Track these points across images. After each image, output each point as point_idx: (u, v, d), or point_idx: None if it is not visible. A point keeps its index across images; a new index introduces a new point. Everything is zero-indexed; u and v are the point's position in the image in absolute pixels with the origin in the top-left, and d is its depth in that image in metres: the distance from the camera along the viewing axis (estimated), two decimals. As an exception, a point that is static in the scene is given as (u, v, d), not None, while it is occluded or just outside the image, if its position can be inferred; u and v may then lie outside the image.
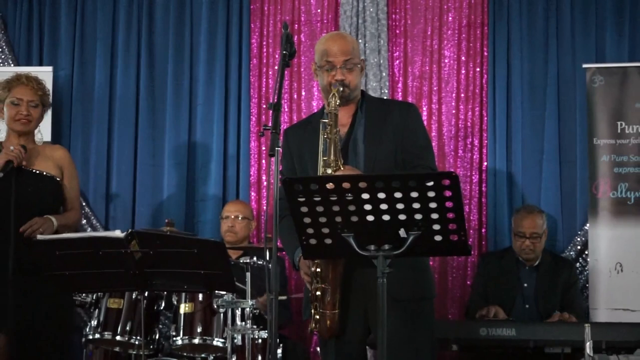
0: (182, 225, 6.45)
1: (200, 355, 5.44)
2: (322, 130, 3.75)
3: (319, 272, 3.67)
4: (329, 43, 3.92)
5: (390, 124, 3.90)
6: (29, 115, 4.32)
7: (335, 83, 3.78)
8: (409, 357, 3.75)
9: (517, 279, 5.88)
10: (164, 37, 6.75)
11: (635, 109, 6.05)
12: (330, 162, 3.70)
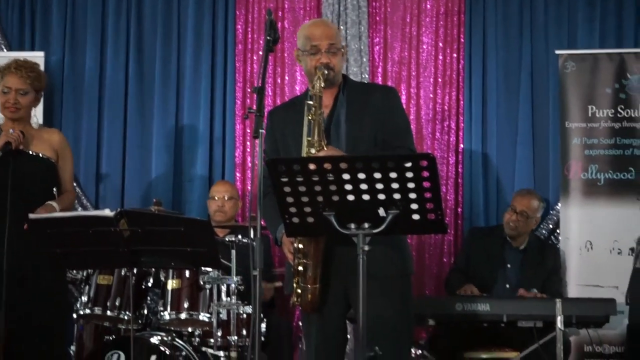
0: (170, 204, 6.44)
1: (187, 330, 5.44)
2: (307, 112, 3.75)
3: (301, 249, 3.69)
4: (313, 28, 3.93)
5: (371, 106, 3.91)
6: (16, 103, 4.30)
7: (320, 66, 3.79)
8: (387, 331, 3.75)
9: (501, 259, 5.90)
10: (152, 23, 6.73)
11: (605, 94, 6.07)
12: (314, 142, 3.71)
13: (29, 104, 4.37)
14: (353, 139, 3.85)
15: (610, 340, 5.91)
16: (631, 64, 6.07)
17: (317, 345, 3.88)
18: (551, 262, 5.92)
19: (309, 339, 3.98)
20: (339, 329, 3.81)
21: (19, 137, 4.20)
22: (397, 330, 3.82)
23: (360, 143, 3.82)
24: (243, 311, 5.17)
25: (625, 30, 6.45)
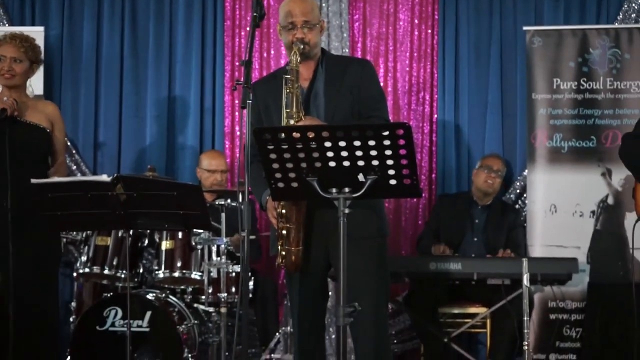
0: (163, 170, 6.44)
1: (179, 287, 5.46)
2: (285, 85, 3.75)
3: (284, 213, 3.69)
4: (290, 5, 3.89)
5: (347, 78, 3.90)
6: (10, 70, 4.27)
7: (296, 41, 3.78)
8: (365, 288, 3.77)
9: (469, 216, 5.94)
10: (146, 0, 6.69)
11: (569, 67, 6.08)
12: (293, 113, 3.71)
13: (23, 72, 4.33)
14: (331, 109, 3.85)
15: (572, 297, 5.96)
16: (593, 39, 6.07)
17: (300, 302, 3.89)
18: (512, 218, 6.00)
19: (292, 296, 3.99)
20: (320, 287, 3.83)
21: (13, 104, 4.17)
22: (375, 287, 3.84)
23: (338, 113, 3.82)
24: (232, 270, 5.19)
25: (587, 8, 6.45)
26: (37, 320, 4.20)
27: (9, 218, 3.96)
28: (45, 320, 4.26)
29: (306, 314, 3.89)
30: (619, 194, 5.93)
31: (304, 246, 3.78)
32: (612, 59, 6.06)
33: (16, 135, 4.13)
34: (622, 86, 6.02)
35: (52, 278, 4.41)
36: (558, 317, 6.00)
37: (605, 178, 5.94)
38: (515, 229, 5.98)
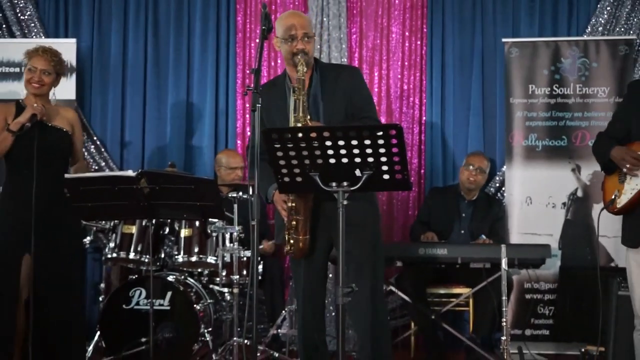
0: (182, 166, 6.43)
1: (197, 270, 5.46)
2: (292, 93, 3.77)
3: (294, 207, 3.71)
4: (290, 19, 3.91)
5: (340, 83, 3.92)
6: (40, 81, 4.27)
7: (300, 52, 3.78)
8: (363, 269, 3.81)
9: (457, 210, 5.93)
10: (167, 15, 6.67)
11: (543, 75, 6.07)
12: (300, 118, 3.72)
13: (50, 83, 4.33)
14: (329, 112, 3.86)
15: (546, 278, 5.96)
16: (564, 50, 6.06)
17: (305, 283, 3.90)
18: (496, 211, 5.98)
19: (297, 278, 4.00)
20: (322, 270, 3.84)
21: (42, 110, 4.18)
22: (371, 268, 3.86)
23: (335, 115, 3.84)
24: (243, 255, 5.19)
25: (559, 22, 6.44)
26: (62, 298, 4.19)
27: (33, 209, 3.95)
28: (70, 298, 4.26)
29: (310, 294, 3.90)
30: (587, 187, 5.94)
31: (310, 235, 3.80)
32: (581, 68, 6.05)
33: (44, 137, 4.13)
34: (590, 92, 6.01)
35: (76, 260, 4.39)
36: (533, 297, 6.01)
37: (575, 173, 5.94)
38: (498, 221, 5.98)
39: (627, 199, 3.87)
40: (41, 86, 4.28)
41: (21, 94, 4.42)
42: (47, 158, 4.10)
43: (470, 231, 5.83)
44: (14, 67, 6.30)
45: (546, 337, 5.97)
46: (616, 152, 3.88)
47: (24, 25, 6.55)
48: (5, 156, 4.14)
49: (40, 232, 3.95)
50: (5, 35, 6.46)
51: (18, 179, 4.15)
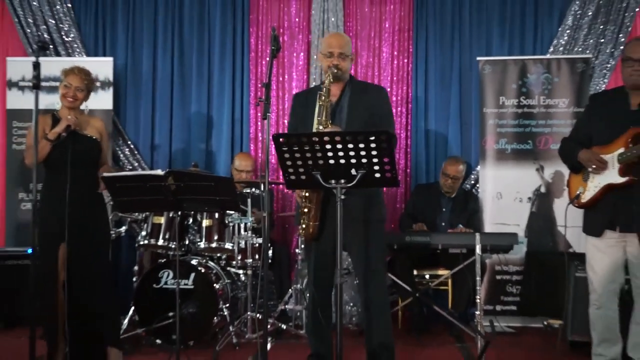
0: (203, 166, 6.45)
1: (216, 255, 5.47)
2: (318, 99, 3.83)
3: (307, 196, 3.77)
4: (331, 39, 4.02)
5: (367, 98, 3.97)
6: (74, 96, 4.27)
7: (332, 66, 3.85)
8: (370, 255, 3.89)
9: (438, 204, 5.93)
10: (190, 36, 6.68)
11: (512, 88, 6.07)
12: (322, 121, 3.79)
13: (82, 98, 4.33)
14: (351, 120, 3.89)
15: (513, 262, 5.96)
16: (530, 67, 6.07)
17: (315, 264, 3.95)
18: (472, 206, 5.98)
19: (309, 261, 4.05)
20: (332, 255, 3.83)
21: (75, 121, 4.19)
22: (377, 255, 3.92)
23: (354, 124, 3.85)
24: (256, 242, 5.20)
25: (526, 42, 6.44)
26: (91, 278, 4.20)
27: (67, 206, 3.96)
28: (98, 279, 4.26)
29: (319, 275, 3.93)
30: (550, 184, 5.94)
31: (320, 222, 3.85)
32: (544, 82, 6.05)
33: (77, 145, 4.14)
34: (552, 102, 6.02)
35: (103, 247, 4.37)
36: (502, 278, 6.01)
37: (539, 172, 5.94)
38: (475, 214, 5.98)
39: (590, 195, 3.89)
40: (75, 101, 4.29)
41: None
42: (79, 162, 4.10)
43: (450, 223, 5.84)
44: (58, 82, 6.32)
45: (513, 312, 5.97)
46: (583, 155, 3.90)
47: (68, 46, 6.56)
48: (44, 161, 4.16)
49: (73, 225, 3.95)
50: (52, 54, 6.46)
51: (55, 180, 4.15)
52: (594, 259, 3.94)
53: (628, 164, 3.71)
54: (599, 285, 3.91)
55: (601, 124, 3.90)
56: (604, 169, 3.81)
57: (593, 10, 6.25)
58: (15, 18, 6.56)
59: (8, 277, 5.82)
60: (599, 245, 3.90)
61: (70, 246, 4.05)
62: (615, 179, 3.76)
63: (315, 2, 6.49)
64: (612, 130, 3.81)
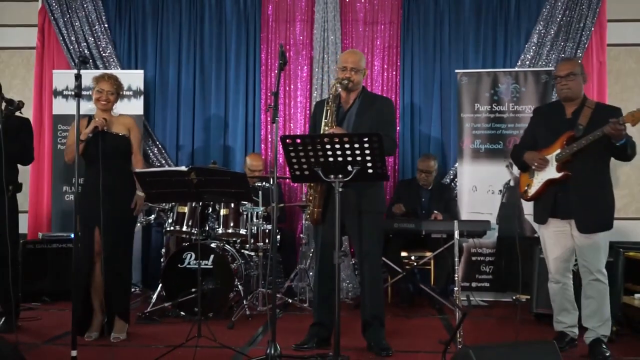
0: (221, 163, 6.44)
1: (232, 239, 5.48)
2: (327, 105, 3.90)
3: (312, 186, 3.86)
4: (345, 56, 4.05)
5: (373, 108, 3.98)
6: (107, 99, 4.28)
7: (342, 79, 3.89)
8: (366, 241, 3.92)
9: (418, 196, 5.93)
10: (209, 52, 6.66)
11: (485, 96, 6.06)
12: (328, 123, 3.84)
13: (113, 100, 4.33)
14: (357, 126, 3.90)
15: (487, 245, 5.97)
16: (501, 78, 6.06)
17: (321, 245, 3.96)
18: (447, 196, 6.00)
19: (316, 243, 4.10)
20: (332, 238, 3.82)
21: (102, 122, 4.18)
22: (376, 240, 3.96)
23: (360, 128, 3.86)
24: (265, 228, 5.21)
25: (497, 57, 6.44)
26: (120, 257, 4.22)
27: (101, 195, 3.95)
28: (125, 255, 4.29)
29: (324, 255, 3.93)
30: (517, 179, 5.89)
31: (323, 209, 3.89)
32: (513, 91, 6.05)
33: (106, 143, 4.13)
34: (520, 109, 6.01)
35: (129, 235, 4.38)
36: (477, 259, 6.02)
37: (509, 169, 5.93)
38: (450, 202, 5.99)
39: (535, 189, 3.98)
40: (107, 103, 4.30)
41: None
42: (109, 157, 4.09)
43: (428, 211, 5.84)
44: (98, 91, 6.34)
45: (487, 288, 5.98)
46: (527, 156, 4.00)
47: (105, 60, 6.56)
48: (83, 156, 4.17)
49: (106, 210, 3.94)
50: (91, 67, 6.46)
51: (91, 172, 4.17)
52: (545, 243, 4.03)
53: (564, 161, 3.82)
54: (552, 265, 4.00)
55: (543, 131, 4.00)
56: (545, 167, 3.89)
57: (555, 30, 6.26)
58: (60, 37, 6.58)
59: (53, 257, 5.84)
60: (548, 231, 3.98)
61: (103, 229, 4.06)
62: (554, 175, 3.85)
63: (317, 22, 6.48)
64: (551, 135, 3.92)
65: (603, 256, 3.81)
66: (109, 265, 4.13)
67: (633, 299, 4.74)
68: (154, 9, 6.71)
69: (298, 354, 3.70)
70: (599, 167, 3.82)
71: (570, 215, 3.83)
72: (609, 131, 3.57)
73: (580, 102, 3.91)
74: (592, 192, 3.78)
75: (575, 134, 3.80)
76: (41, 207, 6.54)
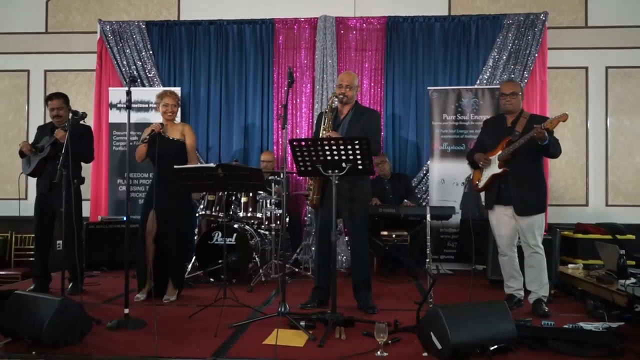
0: (242, 161, 6.44)
1: (250, 221, 5.48)
2: (324, 114, 3.94)
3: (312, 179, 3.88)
4: (343, 75, 4.05)
5: (363, 118, 3.97)
6: (172, 112, 4.28)
7: (339, 94, 3.93)
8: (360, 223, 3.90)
9: (382, 186, 5.90)
10: (233, 73, 6.64)
11: (451, 108, 6.06)
12: (326, 128, 3.86)
13: (175, 112, 4.34)
14: (350, 132, 3.89)
15: (452, 226, 5.98)
16: (464, 94, 6.06)
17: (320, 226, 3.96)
18: (404, 183, 5.95)
19: (316, 223, 4.09)
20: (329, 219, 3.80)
21: (158, 127, 4.15)
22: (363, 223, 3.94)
23: (352, 134, 3.85)
24: (277, 212, 5.21)
25: (461, 77, 6.42)
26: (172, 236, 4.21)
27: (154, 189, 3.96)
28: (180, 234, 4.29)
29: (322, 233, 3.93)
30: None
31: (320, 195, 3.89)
32: (473, 104, 6.05)
33: (163, 146, 4.11)
34: (478, 118, 6.00)
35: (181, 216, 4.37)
36: (444, 237, 6.03)
37: (469, 166, 5.92)
38: (408, 187, 5.96)
39: (483, 182, 4.02)
40: (172, 114, 4.29)
41: (149, 119, 4.40)
42: (164, 157, 4.10)
43: (394, 197, 5.83)
44: (144, 104, 6.33)
45: (452, 260, 5.99)
46: (476, 156, 4.05)
47: (150, 79, 6.55)
48: (148, 156, 4.18)
49: (159, 200, 3.96)
50: (139, 85, 6.46)
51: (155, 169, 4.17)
52: (493, 224, 4.06)
53: (504, 160, 3.88)
54: (500, 241, 4.03)
55: (489, 137, 4.05)
56: (489, 165, 3.95)
57: (507, 56, 6.26)
58: (114, 61, 6.58)
59: (110, 235, 5.87)
60: (494, 215, 4.01)
61: (157, 215, 4.08)
62: (497, 170, 3.90)
63: (318, 49, 6.46)
64: (495, 140, 3.97)
65: (538, 234, 3.85)
66: (167, 241, 4.14)
67: (567, 268, 4.76)
68: (188, 39, 6.68)
69: (303, 311, 3.71)
70: (531, 163, 3.85)
71: (510, 202, 3.87)
72: (535, 134, 3.62)
73: (518, 114, 3.96)
74: (527, 183, 3.83)
75: (512, 139, 3.84)
76: (100, 196, 6.55)
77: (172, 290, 4.27)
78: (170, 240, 4.20)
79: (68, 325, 2.89)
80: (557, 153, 3.81)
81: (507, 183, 3.86)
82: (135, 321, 3.36)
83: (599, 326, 3.18)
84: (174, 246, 4.24)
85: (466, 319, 2.70)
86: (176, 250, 4.27)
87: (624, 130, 6.41)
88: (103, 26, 6.60)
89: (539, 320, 3.46)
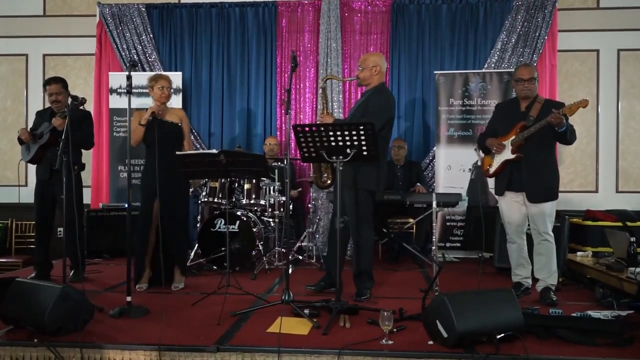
0: (245, 147, 6.43)
1: (254, 208, 5.49)
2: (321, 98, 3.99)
3: None
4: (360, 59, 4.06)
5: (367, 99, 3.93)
6: (168, 94, 4.26)
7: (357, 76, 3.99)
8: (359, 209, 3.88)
9: (394, 172, 5.89)
10: (235, 57, 6.62)
11: (458, 93, 6.03)
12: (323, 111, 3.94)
13: (170, 94, 4.32)
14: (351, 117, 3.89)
15: (458, 213, 5.98)
16: (471, 78, 6.02)
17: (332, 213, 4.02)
18: (416, 170, 5.94)
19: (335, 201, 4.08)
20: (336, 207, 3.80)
21: (159, 107, 4.16)
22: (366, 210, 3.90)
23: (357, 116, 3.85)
24: (280, 199, 5.22)
25: (468, 60, 6.37)
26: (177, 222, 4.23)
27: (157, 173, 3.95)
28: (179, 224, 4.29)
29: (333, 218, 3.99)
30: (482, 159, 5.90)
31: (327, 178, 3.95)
32: (481, 88, 6.01)
33: (162, 129, 4.10)
34: (486, 103, 5.98)
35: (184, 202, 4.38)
36: (451, 224, 6.03)
37: (476, 152, 5.89)
38: (420, 174, 5.94)
39: (495, 168, 3.98)
40: (167, 97, 4.28)
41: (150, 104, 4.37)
42: (164, 141, 4.08)
43: (403, 184, 5.83)
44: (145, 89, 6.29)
45: (458, 247, 6.00)
46: (489, 141, 4.00)
47: (150, 64, 6.53)
48: (143, 140, 4.15)
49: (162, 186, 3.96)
50: (140, 70, 6.45)
51: (150, 154, 4.14)
52: (503, 211, 4.03)
53: (517, 145, 3.83)
54: (509, 228, 4.00)
55: (502, 122, 3.99)
56: (502, 150, 3.90)
57: (515, 38, 6.20)
58: (114, 45, 6.56)
59: (111, 222, 5.88)
60: (505, 201, 3.99)
61: (161, 202, 4.06)
62: (510, 156, 3.86)
63: (322, 33, 6.42)
64: (508, 125, 3.91)
65: (549, 221, 3.83)
66: (170, 228, 4.14)
67: (575, 256, 4.75)
68: (190, 22, 6.65)
69: (307, 299, 3.73)
70: (545, 149, 3.81)
71: (522, 188, 3.84)
72: (552, 120, 3.57)
73: (533, 98, 3.90)
74: (540, 170, 3.79)
75: (527, 124, 3.79)
76: (101, 183, 6.57)
77: (180, 277, 4.29)
78: (177, 227, 4.21)
79: (70, 312, 2.91)
80: (573, 140, 3.77)
81: (519, 169, 3.83)
82: (138, 309, 3.38)
83: (607, 314, 3.18)
84: (181, 232, 4.24)
85: (473, 307, 2.71)
86: (183, 237, 4.28)
87: (635, 114, 6.36)
88: (102, 9, 6.57)
89: (546, 309, 3.46)
